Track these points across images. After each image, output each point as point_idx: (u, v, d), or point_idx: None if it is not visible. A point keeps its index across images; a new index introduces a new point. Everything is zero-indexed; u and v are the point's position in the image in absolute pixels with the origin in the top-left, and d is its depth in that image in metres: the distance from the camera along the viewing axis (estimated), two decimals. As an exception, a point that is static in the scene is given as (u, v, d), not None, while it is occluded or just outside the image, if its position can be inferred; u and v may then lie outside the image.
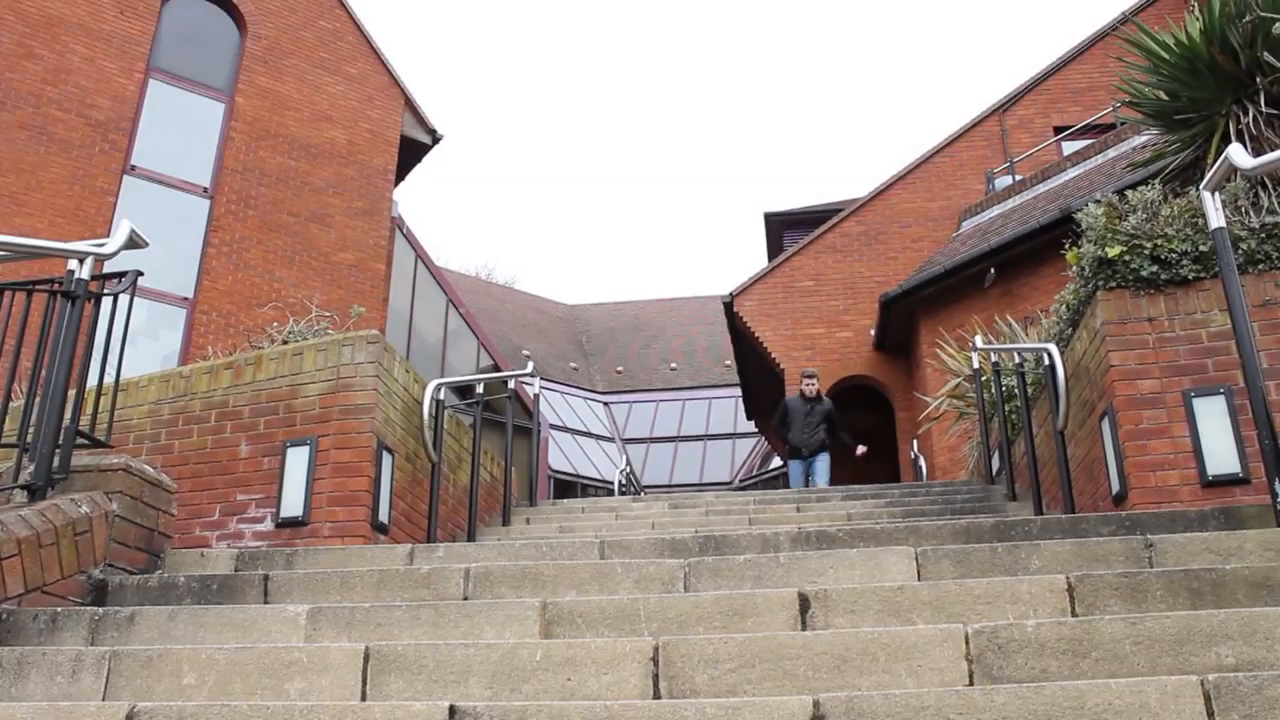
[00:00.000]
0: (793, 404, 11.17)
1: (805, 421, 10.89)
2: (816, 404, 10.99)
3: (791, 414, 11.07)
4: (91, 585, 3.65)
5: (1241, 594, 2.74)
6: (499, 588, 3.39)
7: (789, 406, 11.18)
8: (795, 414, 11.02)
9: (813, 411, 10.94)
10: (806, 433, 10.86)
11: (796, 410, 11.05)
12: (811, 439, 10.83)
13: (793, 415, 11.04)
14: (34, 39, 13.25)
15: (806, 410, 10.95)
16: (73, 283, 3.89)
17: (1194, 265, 4.88)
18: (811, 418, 10.89)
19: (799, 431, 10.89)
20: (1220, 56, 5.67)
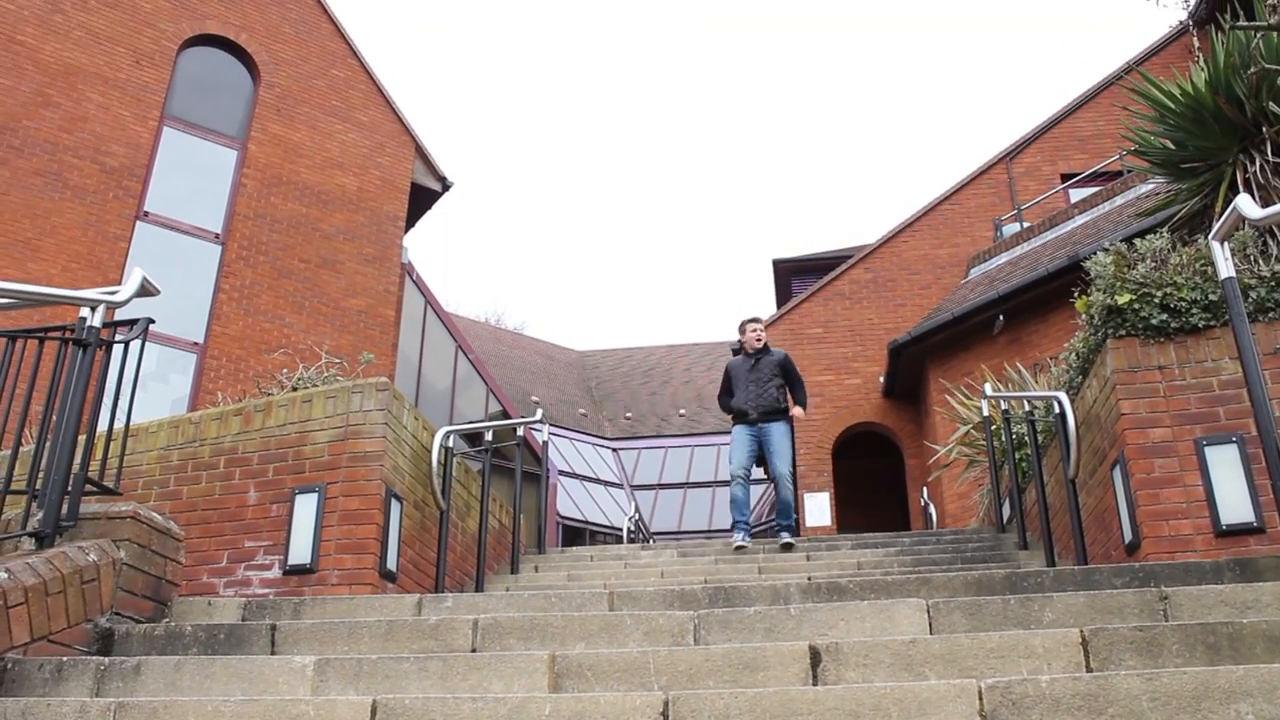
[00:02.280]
0: (734, 364, 8.46)
1: (749, 379, 8.23)
2: (763, 355, 8.32)
3: (734, 376, 8.37)
4: (98, 634, 3.63)
5: (1260, 649, 2.70)
6: (507, 639, 3.36)
7: (729, 369, 8.47)
8: (738, 375, 8.34)
9: (758, 365, 8.27)
10: (753, 390, 8.18)
11: (739, 370, 8.36)
12: (760, 399, 8.13)
13: (735, 377, 8.36)
14: (51, 87, 13.42)
15: (750, 365, 8.29)
16: (84, 330, 3.90)
17: (1204, 313, 4.88)
18: (758, 373, 8.23)
19: (744, 392, 8.22)
20: (1226, 106, 5.70)
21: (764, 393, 8.13)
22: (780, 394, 8.18)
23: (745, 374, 8.26)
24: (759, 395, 8.12)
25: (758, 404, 8.09)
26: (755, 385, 8.16)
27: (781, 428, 8.03)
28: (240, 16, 15.58)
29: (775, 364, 8.27)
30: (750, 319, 8.48)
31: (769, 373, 8.21)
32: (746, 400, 8.14)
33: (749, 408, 8.11)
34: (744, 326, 8.45)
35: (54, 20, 13.75)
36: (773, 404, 8.09)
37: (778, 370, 8.25)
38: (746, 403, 8.13)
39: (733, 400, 8.32)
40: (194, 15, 15.13)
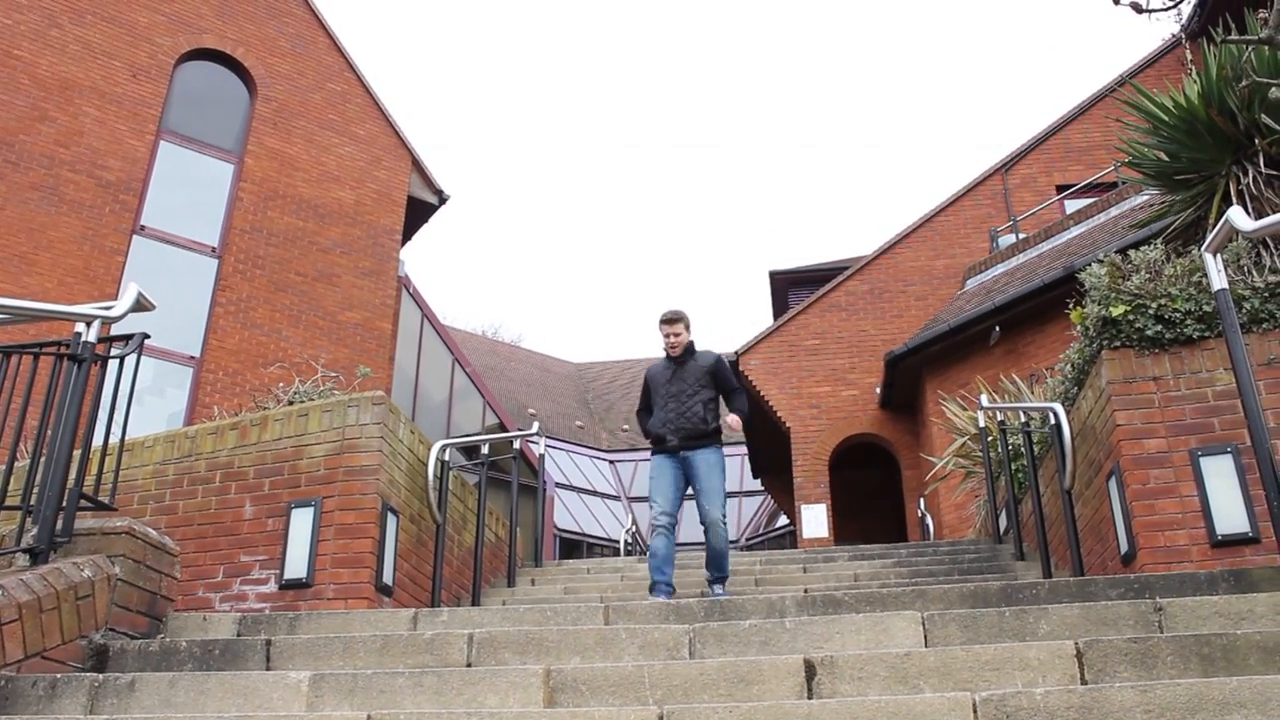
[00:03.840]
0: (653, 372, 6.59)
1: (669, 392, 6.37)
2: (690, 361, 6.41)
3: (653, 388, 6.54)
4: (92, 650, 3.62)
5: (1254, 660, 2.70)
6: (503, 653, 3.36)
7: (648, 379, 6.62)
8: (657, 385, 6.50)
9: (679, 375, 6.37)
10: (673, 407, 6.30)
11: (658, 380, 6.51)
12: (682, 419, 6.25)
13: (654, 389, 6.53)
14: (48, 102, 13.45)
15: (670, 375, 6.42)
16: (79, 345, 3.90)
17: (1198, 324, 4.89)
18: (679, 383, 6.35)
19: (663, 410, 6.36)
20: (1219, 118, 5.73)
21: (686, 410, 6.24)
22: (708, 412, 6.28)
23: (665, 385, 6.40)
24: (679, 414, 6.25)
25: (678, 425, 6.22)
26: (675, 401, 6.31)
27: (710, 456, 6.19)
28: (237, 31, 15.62)
29: (702, 371, 6.35)
30: (669, 314, 6.45)
31: (694, 383, 6.31)
32: (665, 421, 6.27)
33: (666, 431, 6.24)
34: (660, 328, 6.46)
35: (50, 35, 13.78)
36: (698, 425, 6.20)
37: (705, 380, 6.33)
38: (665, 424, 6.27)
39: (650, 421, 6.48)
40: (191, 30, 15.16)
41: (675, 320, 6.47)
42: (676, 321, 6.46)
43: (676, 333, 6.42)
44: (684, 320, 6.48)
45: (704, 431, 6.27)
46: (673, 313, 6.47)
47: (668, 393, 6.39)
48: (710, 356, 6.49)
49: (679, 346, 6.40)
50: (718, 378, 6.43)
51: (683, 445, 6.25)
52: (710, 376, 6.39)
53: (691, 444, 6.24)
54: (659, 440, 6.36)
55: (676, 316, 6.46)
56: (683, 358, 6.43)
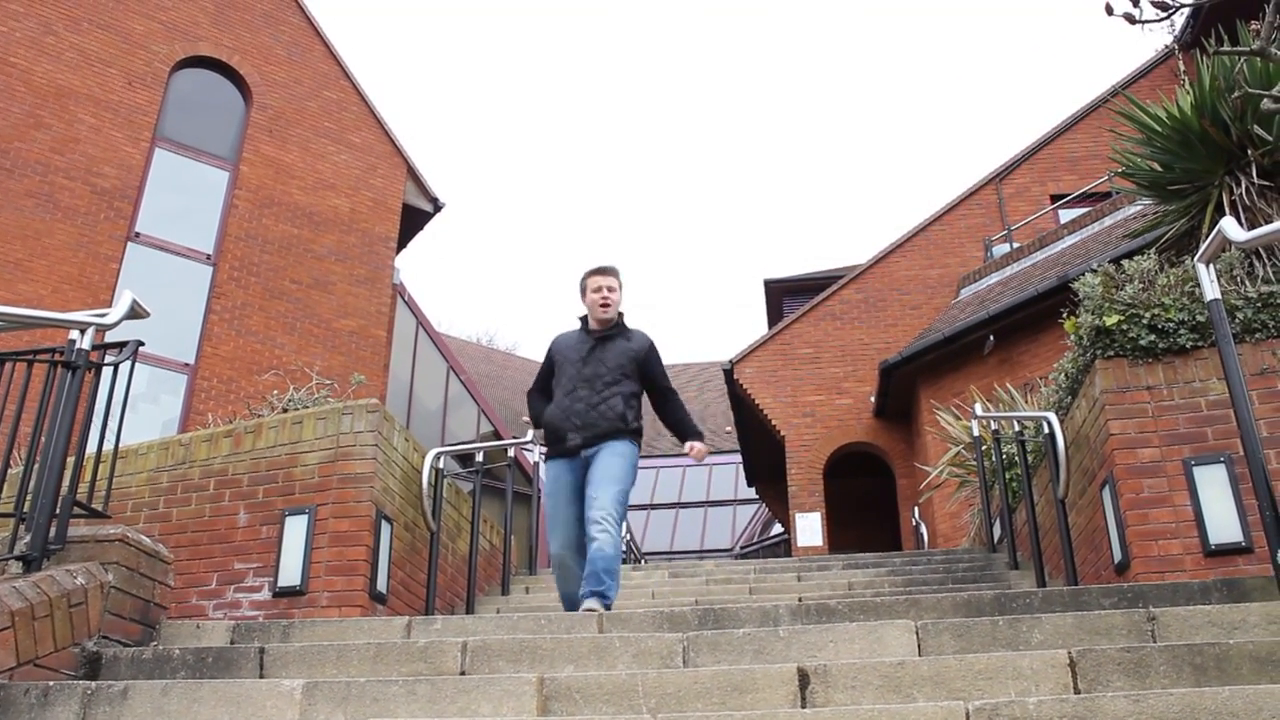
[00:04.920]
0: (564, 344, 5.22)
1: (581, 375, 5.02)
2: (616, 338, 5.11)
3: (559, 363, 5.18)
4: (85, 658, 3.61)
5: (1246, 670, 2.71)
6: (496, 662, 3.36)
7: (555, 350, 5.24)
8: (565, 362, 5.13)
9: (598, 355, 5.05)
10: (582, 395, 4.98)
11: (568, 355, 5.15)
12: (592, 415, 4.94)
13: (560, 365, 5.16)
14: (43, 109, 13.44)
15: (586, 351, 5.08)
16: (73, 353, 3.90)
17: (1191, 334, 4.90)
18: (596, 366, 5.02)
19: (568, 397, 5.02)
20: (1211, 129, 5.75)
21: (601, 403, 4.89)
22: (629, 410, 4.95)
23: (576, 363, 5.00)
24: (591, 406, 4.88)
25: (588, 421, 4.86)
26: (588, 388, 4.91)
27: (620, 446, 4.88)
28: (233, 39, 15.63)
29: (630, 356, 4.99)
30: (602, 265, 5.12)
31: (616, 369, 4.95)
32: (570, 412, 4.90)
33: (570, 426, 4.88)
34: (586, 280, 5.09)
35: (46, 42, 13.78)
36: (614, 424, 4.88)
37: (631, 368, 4.98)
38: (569, 417, 4.90)
39: (546, 409, 5.09)
40: (186, 37, 15.17)
41: (613, 273, 5.04)
42: (614, 274, 5.03)
43: (613, 288, 4.98)
44: (619, 278, 5.07)
45: (619, 431, 4.90)
46: (608, 264, 5.10)
47: (579, 375, 4.91)
48: (644, 338, 5.09)
49: (611, 308, 5.02)
50: (647, 369, 5.04)
51: (586, 445, 4.84)
52: (638, 365, 4.99)
53: (598, 440, 4.86)
54: (556, 437, 4.88)
55: (615, 269, 5.05)
56: (608, 331, 5.02)
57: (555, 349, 5.21)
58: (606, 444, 4.89)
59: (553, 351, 5.21)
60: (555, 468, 5.00)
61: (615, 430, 4.92)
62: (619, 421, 4.94)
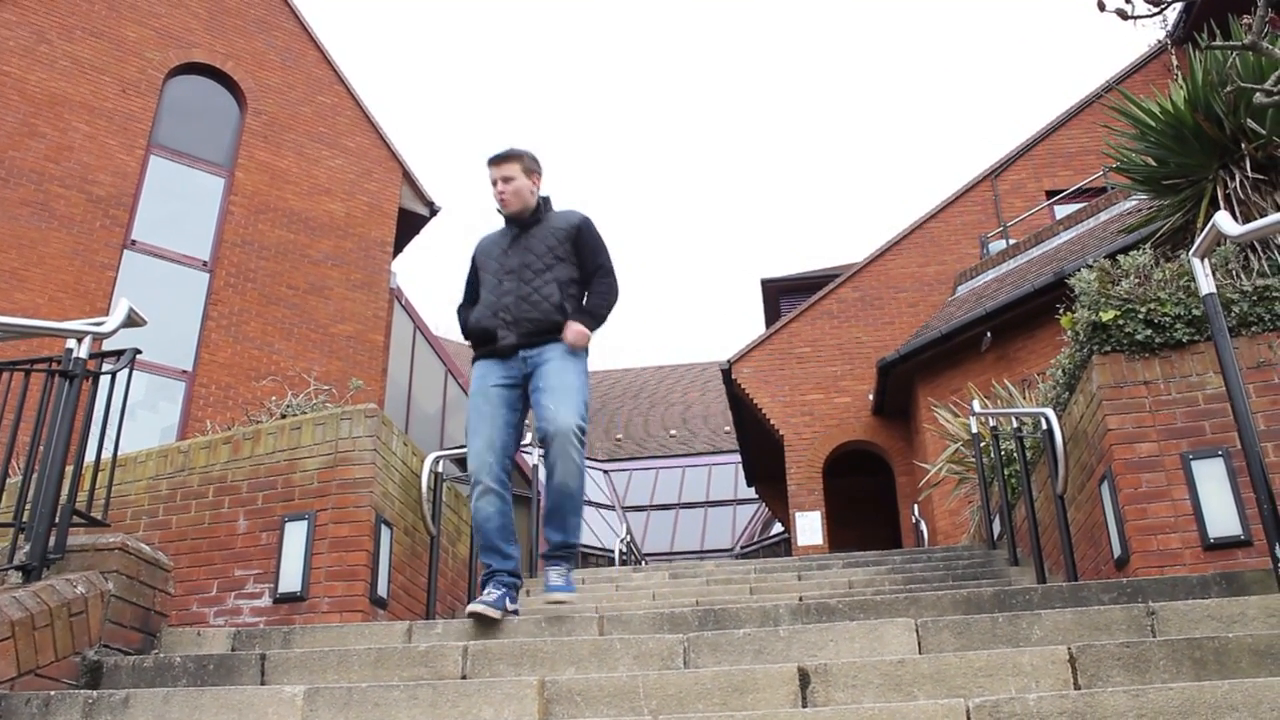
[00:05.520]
0: (484, 245, 4.62)
1: (504, 267, 4.43)
2: (540, 223, 4.48)
3: (481, 264, 4.58)
4: (86, 667, 3.61)
5: (1245, 663, 2.71)
6: (497, 665, 3.36)
7: (476, 253, 4.65)
8: (487, 261, 4.54)
9: (523, 244, 4.45)
10: (510, 287, 4.36)
11: (490, 253, 4.56)
12: (523, 306, 4.32)
13: (483, 266, 4.56)
14: (38, 117, 13.44)
15: (505, 246, 4.49)
16: (70, 362, 3.90)
17: (1188, 328, 4.91)
18: (521, 256, 4.42)
19: (493, 292, 4.42)
20: (1205, 123, 5.76)
21: (531, 293, 4.26)
22: (566, 297, 4.30)
23: (499, 256, 4.42)
24: (521, 298, 4.26)
25: (518, 315, 4.24)
26: (514, 280, 4.30)
27: (562, 352, 4.21)
28: (227, 45, 15.63)
29: (560, 238, 4.38)
30: (491, 155, 4.43)
31: (546, 255, 4.34)
32: (498, 307, 4.29)
33: (497, 322, 4.27)
34: (491, 169, 4.43)
35: (39, 50, 13.78)
36: (549, 315, 4.23)
37: (565, 250, 4.37)
38: (495, 313, 4.29)
39: (471, 312, 4.48)
40: (180, 44, 15.17)
41: (507, 159, 4.34)
42: (508, 160, 4.34)
43: (507, 177, 4.32)
44: (522, 161, 4.35)
45: (557, 324, 4.22)
46: (514, 149, 4.39)
47: (502, 268, 4.33)
48: (574, 216, 4.43)
49: (513, 201, 4.35)
50: (583, 249, 4.38)
51: (523, 342, 4.20)
52: (572, 247, 4.37)
53: (534, 340, 4.20)
54: (483, 337, 4.29)
55: (509, 154, 4.35)
56: (528, 218, 4.40)
57: (477, 251, 4.57)
58: (550, 345, 4.19)
59: (475, 255, 4.57)
60: (483, 365, 4.30)
61: (554, 325, 4.21)
62: (556, 313, 4.21)
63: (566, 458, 4.02)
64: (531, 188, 4.42)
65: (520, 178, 4.40)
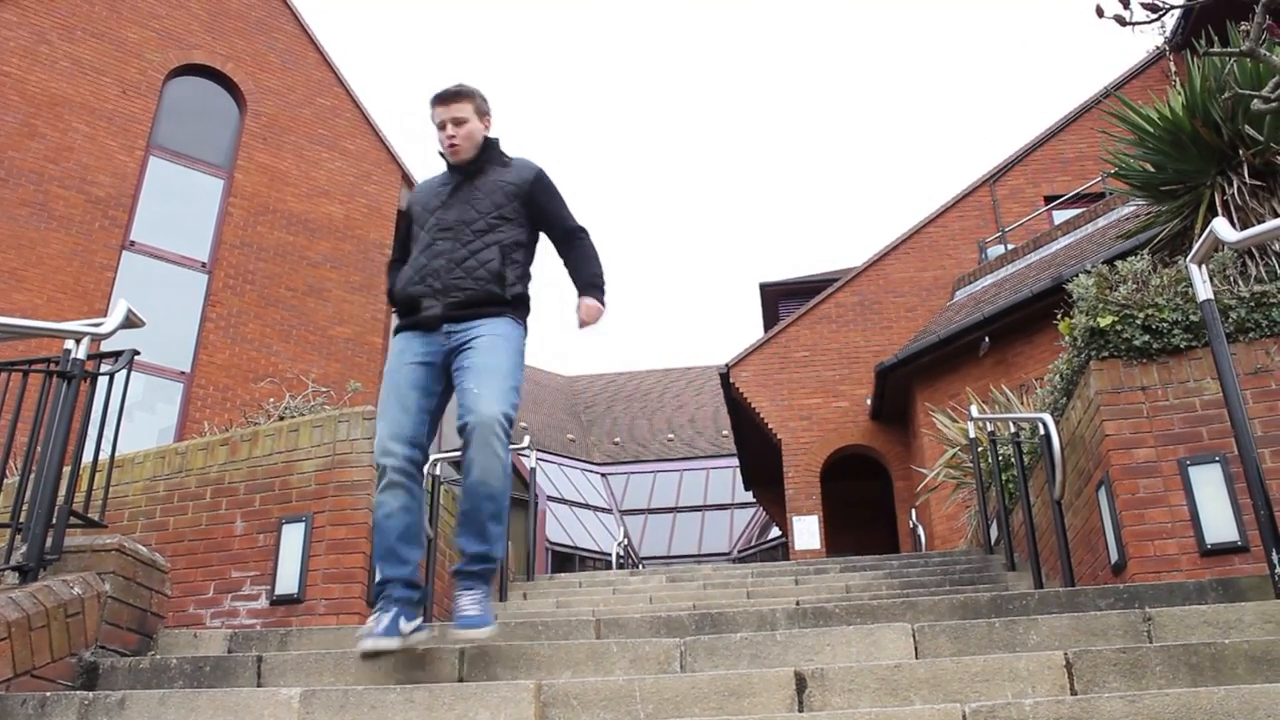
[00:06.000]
0: (421, 193, 3.85)
1: (440, 222, 3.67)
2: (488, 172, 3.74)
3: (415, 216, 3.81)
4: (82, 668, 3.61)
5: (1242, 669, 2.71)
6: (494, 668, 3.36)
7: (411, 201, 3.88)
8: (423, 213, 3.76)
9: (464, 195, 3.70)
10: (442, 252, 3.61)
11: (426, 203, 3.77)
12: (455, 273, 3.56)
13: (417, 219, 3.79)
14: (37, 118, 13.44)
15: (444, 197, 3.73)
16: (69, 363, 3.90)
17: (1185, 334, 4.91)
18: (461, 210, 3.67)
19: (424, 253, 3.65)
20: (1203, 130, 5.77)
21: (467, 257, 3.58)
22: (509, 265, 3.61)
23: (436, 209, 3.71)
24: (454, 262, 3.57)
25: (448, 281, 3.55)
26: (449, 239, 3.61)
27: (499, 328, 3.54)
28: (227, 46, 15.64)
29: (510, 192, 3.69)
30: (438, 93, 3.74)
31: (491, 210, 3.65)
32: (423, 272, 3.60)
33: (423, 290, 3.58)
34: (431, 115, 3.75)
35: (40, 51, 13.78)
36: (484, 286, 3.55)
37: (515, 209, 3.69)
38: (423, 278, 3.59)
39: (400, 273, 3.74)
40: (180, 45, 15.18)
41: (458, 97, 3.70)
42: (460, 99, 3.70)
43: (459, 118, 3.68)
44: (474, 100, 3.73)
45: (494, 297, 3.54)
46: (464, 87, 3.74)
47: (438, 224, 3.64)
48: (529, 168, 3.76)
49: (466, 144, 3.69)
50: (539, 206, 3.72)
51: (450, 315, 3.52)
52: (523, 203, 3.68)
53: (465, 312, 3.52)
54: (406, 305, 3.62)
55: (461, 91, 3.71)
56: (473, 165, 3.72)
57: (412, 201, 3.84)
58: (481, 322, 3.50)
59: (410, 204, 3.83)
60: (403, 339, 3.61)
61: (490, 298, 3.52)
62: (494, 283, 3.53)
63: (487, 451, 3.37)
64: (484, 131, 3.76)
65: (473, 119, 3.72)
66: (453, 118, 3.70)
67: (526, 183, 3.73)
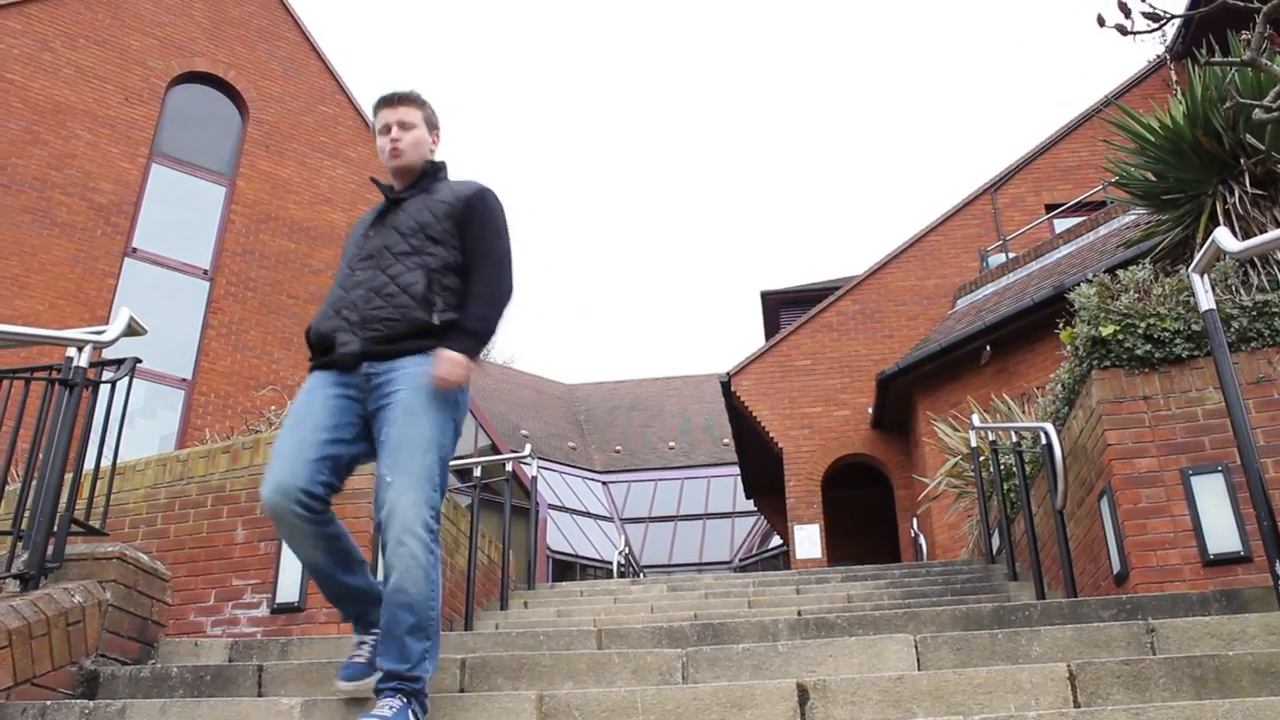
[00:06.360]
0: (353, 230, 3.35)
1: (362, 251, 3.18)
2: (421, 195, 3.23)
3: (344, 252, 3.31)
4: (83, 677, 3.60)
5: (1246, 681, 2.71)
6: (495, 678, 3.35)
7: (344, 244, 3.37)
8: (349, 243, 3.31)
9: (391, 220, 3.20)
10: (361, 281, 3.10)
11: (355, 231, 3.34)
12: (374, 301, 3.05)
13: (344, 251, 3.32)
14: (40, 125, 13.47)
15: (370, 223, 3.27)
16: (71, 371, 3.90)
17: (1187, 343, 4.90)
18: (385, 236, 3.16)
19: (340, 284, 3.17)
20: (1204, 139, 5.77)
21: (386, 281, 3.09)
22: (436, 290, 3.08)
23: (360, 237, 3.28)
24: (372, 290, 3.10)
25: (367, 312, 3.07)
26: (370, 265, 3.15)
27: (420, 377, 2.96)
28: (229, 54, 15.66)
29: (438, 211, 3.19)
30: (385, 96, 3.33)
31: (414, 229, 3.16)
32: (339, 304, 3.14)
33: (336, 324, 3.11)
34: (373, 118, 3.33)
35: (43, 58, 13.81)
36: (409, 314, 3.04)
37: (444, 229, 3.16)
38: (338, 311, 3.13)
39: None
40: (183, 53, 15.21)
41: (407, 101, 3.30)
42: (409, 103, 3.29)
43: (406, 122, 3.26)
44: (425, 109, 3.33)
45: (419, 326, 3.00)
46: (400, 91, 3.33)
47: (360, 253, 3.18)
48: (468, 186, 3.25)
49: (411, 151, 3.24)
50: (469, 226, 3.16)
51: (370, 352, 3.01)
52: (455, 225, 3.15)
53: (390, 349, 2.99)
54: (319, 344, 3.12)
55: (411, 96, 3.31)
56: (410, 189, 3.27)
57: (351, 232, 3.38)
58: (406, 362, 2.96)
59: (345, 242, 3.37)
60: (315, 377, 3.08)
61: (416, 327, 2.99)
62: (420, 309, 3.00)
63: (403, 553, 2.78)
64: (431, 144, 3.32)
65: (421, 127, 3.29)
66: (399, 120, 3.25)
67: (462, 199, 3.19)
